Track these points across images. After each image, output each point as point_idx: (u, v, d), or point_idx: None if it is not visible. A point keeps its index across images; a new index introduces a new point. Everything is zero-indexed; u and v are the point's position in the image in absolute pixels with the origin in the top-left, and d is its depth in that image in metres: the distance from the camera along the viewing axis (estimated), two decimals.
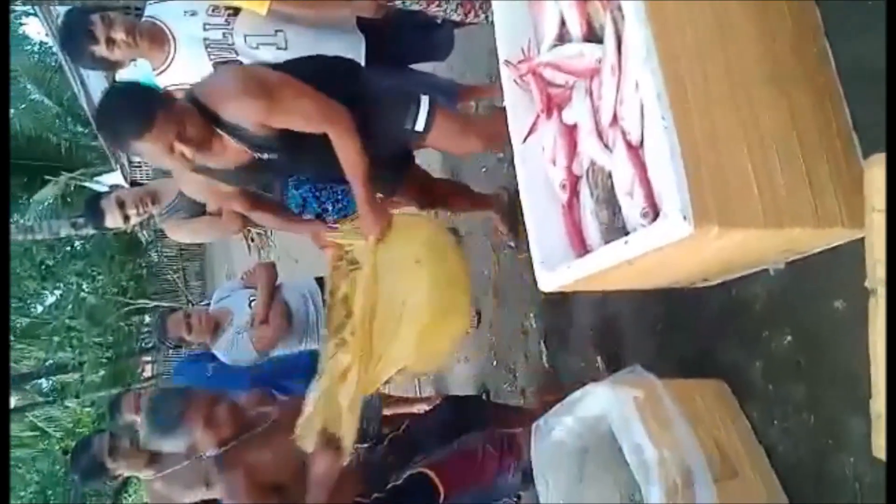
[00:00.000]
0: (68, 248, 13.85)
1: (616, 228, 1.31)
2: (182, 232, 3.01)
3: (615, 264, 1.24)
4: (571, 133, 1.40)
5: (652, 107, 1.14)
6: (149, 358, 15.86)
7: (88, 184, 11.09)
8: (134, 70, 2.37)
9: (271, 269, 3.18)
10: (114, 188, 3.18)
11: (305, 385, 2.10)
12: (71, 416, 14.28)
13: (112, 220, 2.80)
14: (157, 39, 2.19)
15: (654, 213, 1.19)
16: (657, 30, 1.14)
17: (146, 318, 14.70)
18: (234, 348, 3.02)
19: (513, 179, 1.69)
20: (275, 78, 1.94)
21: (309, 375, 2.11)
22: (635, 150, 1.25)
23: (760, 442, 1.61)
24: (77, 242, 13.68)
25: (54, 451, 13.33)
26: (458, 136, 2.16)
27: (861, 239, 1.10)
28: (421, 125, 2.04)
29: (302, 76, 1.94)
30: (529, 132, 1.46)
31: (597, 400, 1.57)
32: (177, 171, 2.20)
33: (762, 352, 1.63)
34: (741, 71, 1.23)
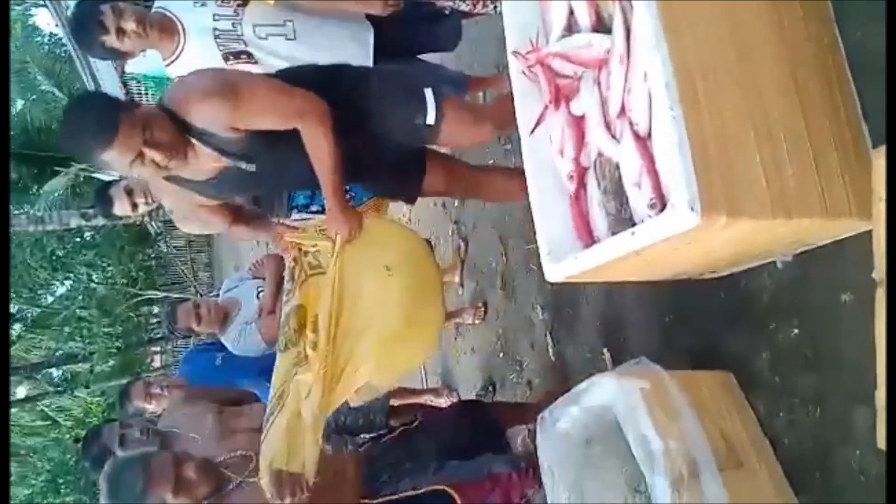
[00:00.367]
0: (78, 239, 13.95)
1: (623, 219, 1.31)
2: (191, 223, 3.02)
3: (622, 255, 1.24)
4: (579, 124, 1.40)
5: (660, 97, 1.14)
6: (157, 348, 15.99)
7: (98, 175, 11.13)
8: (143, 60, 2.38)
9: (279, 261, 3.19)
10: (123, 177, 3.20)
11: None
12: (81, 406, 14.44)
13: (121, 208, 2.82)
14: (167, 30, 2.20)
15: (662, 204, 1.19)
16: (666, 20, 1.13)
17: (155, 309, 14.83)
18: (243, 339, 3.05)
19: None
20: (240, 77, 1.89)
21: None
22: (643, 141, 1.25)
23: (766, 433, 1.61)
24: (87, 233, 13.76)
25: (65, 440, 13.46)
26: (470, 125, 2.08)
27: (869, 230, 1.10)
28: (431, 118, 1.97)
29: (299, 85, 1.87)
30: (537, 123, 1.46)
31: (603, 391, 1.57)
32: (153, 183, 2.10)
33: (769, 344, 1.63)
34: (750, 61, 1.22)
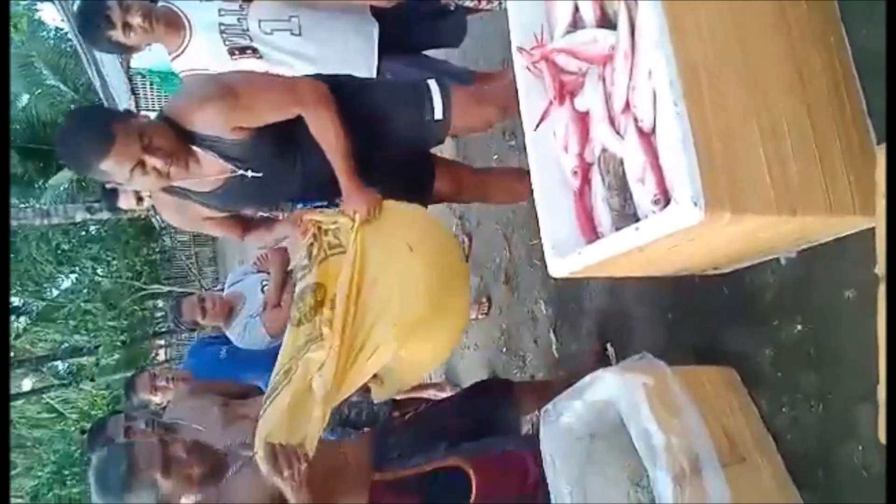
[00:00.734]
0: (84, 233, 13.99)
1: (627, 215, 1.31)
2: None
3: (626, 251, 1.24)
4: (584, 120, 1.40)
5: (664, 93, 1.14)
6: (162, 342, 16.06)
7: None
8: (149, 55, 2.39)
9: (284, 254, 3.20)
10: None
11: None
12: (86, 398, 14.51)
13: (126, 201, 2.85)
14: (173, 24, 2.21)
15: (666, 200, 1.19)
16: (671, 16, 1.13)
17: (160, 303, 14.87)
18: (247, 332, 3.06)
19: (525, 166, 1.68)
20: (236, 76, 1.89)
21: None
22: (647, 137, 1.25)
23: (769, 430, 1.61)
24: (92, 227, 13.81)
25: (70, 433, 13.54)
26: (477, 108, 2.04)
27: (873, 227, 1.10)
28: (439, 112, 1.96)
29: None
30: (541, 119, 1.46)
31: (606, 386, 1.58)
32: (158, 200, 2.03)
33: (772, 340, 1.63)
34: (756, 58, 1.22)
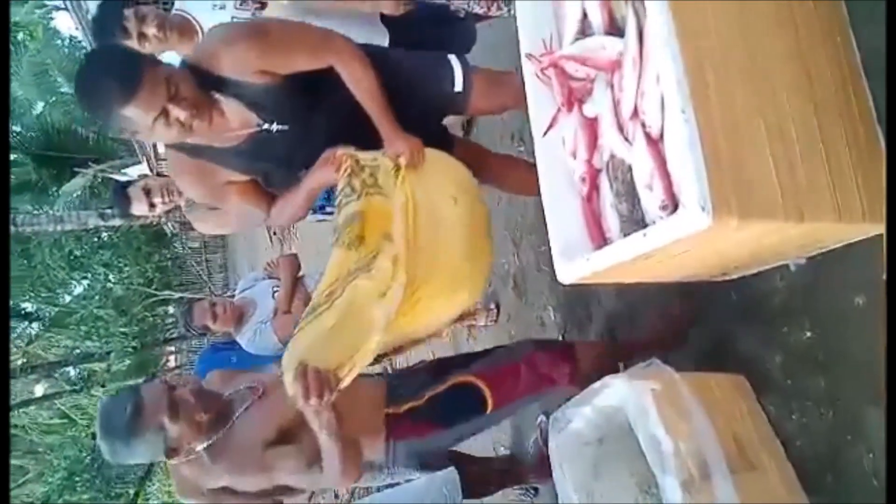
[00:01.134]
0: (96, 239, 14.09)
1: (635, 221, 1.31)
2: (208, 223, 3.06)
3: (634, 257, 1.24)
4: (592, 126, 1.41)
5: (672, 99, 1.14)
6: (173, 348, 16.14)
7: (116, 175, 11.26)
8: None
9: (294, 261, 3.24)
10: (142, 177, 3.25)
11: None
12: (98, 405, 14.56)
13: (138, 208, 2.87)
14: (187, 32, 2.24)
15: (674, 206, 1.19)
16: (677, 15, 1.14)
17: (171, 309, 14.95)
18: (258, 338, 3.08)
19: None
20: (269, 20, 1.84)
21: None
22: (655, 143, 1.25)
23: (778, 435, 1.61)
24: (104, 233, 13.91)
25: (81, 438, 13.60)
26: (495, 88, 2.02)
27: (881, 232, 1.10)
28: (459, 84, 1.94)
29: None
30: (550, 125, 1.47)
31: (614, 391, 1.58)
32: (174, 166, 1.94)
33: (781, 346, 1.63)
34: (763, 63, 1.22)
